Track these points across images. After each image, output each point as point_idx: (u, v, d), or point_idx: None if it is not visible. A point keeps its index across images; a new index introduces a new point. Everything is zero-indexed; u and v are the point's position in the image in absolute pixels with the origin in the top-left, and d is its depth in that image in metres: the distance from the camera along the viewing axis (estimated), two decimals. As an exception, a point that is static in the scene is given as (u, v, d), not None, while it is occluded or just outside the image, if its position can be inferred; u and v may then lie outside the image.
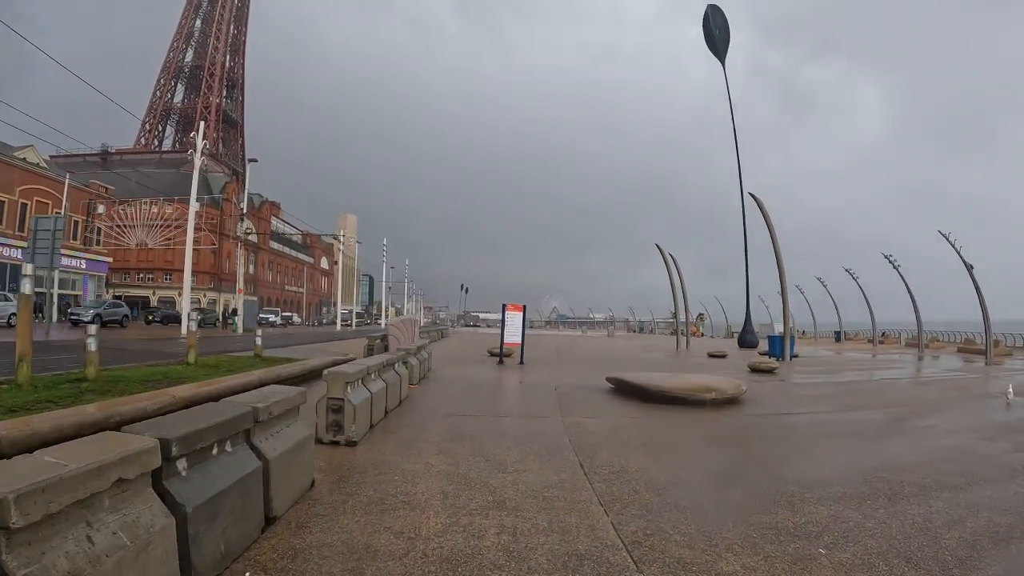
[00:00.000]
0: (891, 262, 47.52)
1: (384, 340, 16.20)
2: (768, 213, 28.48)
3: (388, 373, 8.22)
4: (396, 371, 8.74)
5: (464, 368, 15.62)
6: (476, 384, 11.98)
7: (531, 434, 7.03)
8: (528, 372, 15.24)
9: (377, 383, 7.43)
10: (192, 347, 10.87)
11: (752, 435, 7.97)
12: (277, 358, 13.10)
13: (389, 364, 8.33)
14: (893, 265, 47.60)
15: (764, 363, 19.24)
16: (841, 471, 5.87)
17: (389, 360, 8.31)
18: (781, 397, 12.40)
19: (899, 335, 60.06)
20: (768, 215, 28.41)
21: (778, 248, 28.13)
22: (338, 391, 6.09)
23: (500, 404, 9.62)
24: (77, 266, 50.64)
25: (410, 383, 10.90)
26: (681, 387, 10.51)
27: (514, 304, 17.32)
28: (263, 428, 3.97)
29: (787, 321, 28.19)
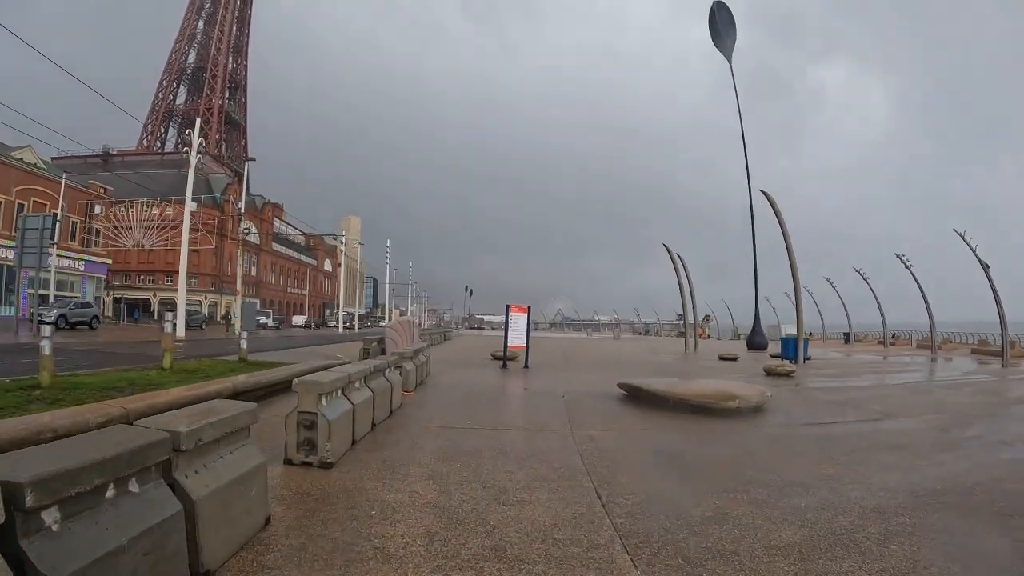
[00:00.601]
0: (903, 262, 46.60)
1: (381, 343, 15.31)
2: (779, 210, 27.60)
3: (377, 380, 7.31)
4: (387, 378, 7.83)
5: (465, 373, 14.71)
6: (477, 391, 11.06)
7: (537, 452, 6.11)
8: (533, 377, 14.32)
9: (362, 392, 6.52)
10: (168, 351, 9.98)
11: (788, 451, 7.03)
12: (264, 362, 12.22)
13: (378, 370, 7.42)
14: (905, 265, 46.71)
15: (780, 366, 18.28)
16: (901, 496, 4.96)
17: (378, 366, 7.39)
18: (805, 404, 11.46)
19: (910, 336, 59.06)
20: (779, 212, 27.53)
21: (790, 246, 27.22)
22: (310, 404, 5.18)
23: (502, 414, 8.68)
24: (75, 267, 49.96)
25: (405, 390, 10.00)
26: (702, 394, 9.58)
27: (518, 305, 16.40)
28: (191, 458, 3.07)
29: (800, 322, 27.28)
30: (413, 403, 9.04)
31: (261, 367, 11.30)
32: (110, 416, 5.32)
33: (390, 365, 8.06)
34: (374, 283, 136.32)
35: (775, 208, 27.56)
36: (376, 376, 7.33)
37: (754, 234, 44.07)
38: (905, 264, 46.52)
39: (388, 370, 7.99)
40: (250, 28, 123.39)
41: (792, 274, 27.18)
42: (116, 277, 67.98)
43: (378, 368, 7.34)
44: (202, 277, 71.86)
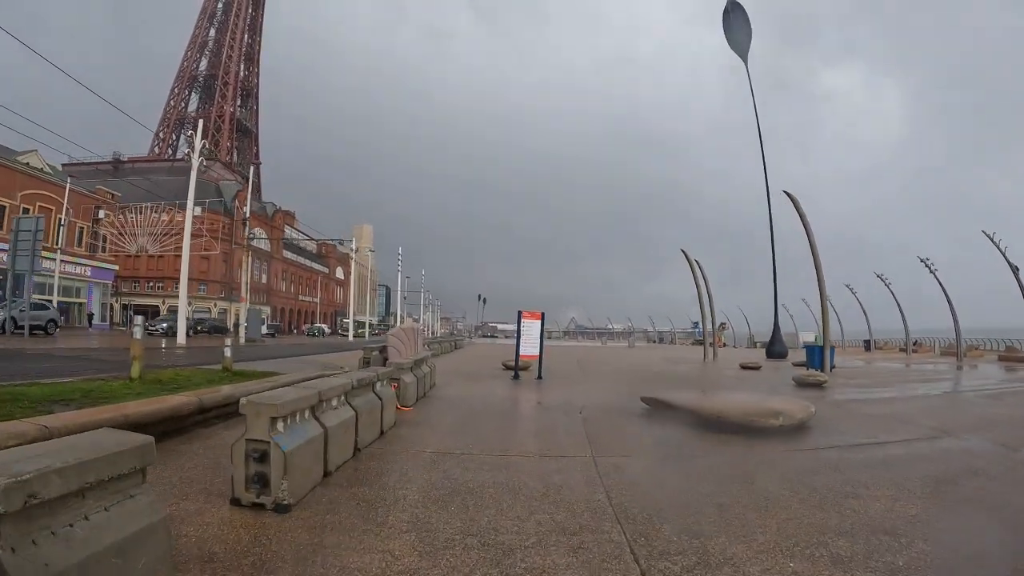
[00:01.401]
0: (928, 266, 45.33)
1: (383, 352, 14.19)
2: (803, 211, 26.35)
3: (363, 397, 6.17)
4: (377, 393, 6.68)
5: (473, 385, 13.53)
6: (484, 406, 9.87)
7: (552, 488, 4.90)
8: (547, 389, 13.12)
9: (340, 412, 5.37)
10: (137, 359, 8.90)
11: (854, 481, 5.77)
12: (250, 373, 11.11)
13: (364, 385, 6.26)
14: (930, 270, 45.49)
15: (812, 376, 16.98)
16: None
17: (363, 380, 6.23)
18: (850, 419, 10.16)
19: (933, 343, 57.26)
20: (803, 213, 26.28)
21: (815, 249, 25.91)
22: (260, 430, 4.04)
23: (511, 436, 7.46)
24: (81, 273, 49.47)
25: (403, 405, 8.85)
26: (741, 411, 8.34)
27: (531, 311, 15.21)
28: (21, 523, 1.94)
29: (827, 330, 25.95)
30: (410, 421, 7.88)
31: (246, 378, 10.21)
32: (26, 436, 4.24)
33: (381, 378, 6.90)
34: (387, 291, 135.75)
35: (799, 209, 26.35)
36: (362, 392, 6.18)
37: (773, 239, 42.72)
38: (930, 269, 45.12)
39: (379, 384, 6.84)
40: (261, 36, 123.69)
41: (817, 279, 25.85)
42: (125, 284, 67.58)
43: (363, 383, 6.18)
44: (211, 284, 71.40)
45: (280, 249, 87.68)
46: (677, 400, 9.08)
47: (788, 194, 27.08)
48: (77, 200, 47.86)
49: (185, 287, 29.50)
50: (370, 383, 6.46)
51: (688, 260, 35.77)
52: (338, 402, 5.43)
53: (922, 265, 44.09)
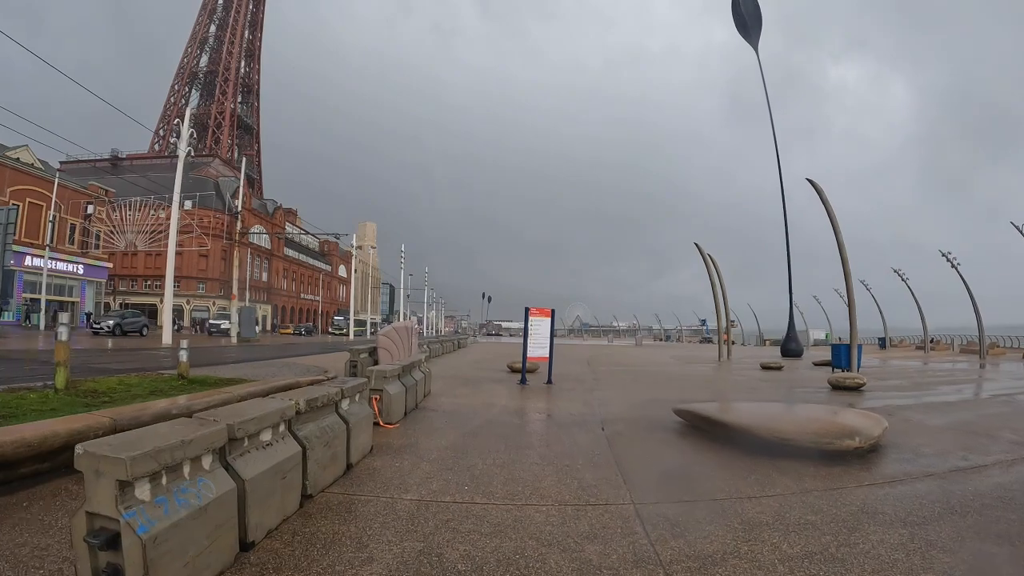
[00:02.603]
0: (950, 261, 43.75)
1: (373, 354, 12.54)
2: (828, 200, 24.62)
3: (319, 422, 4.49)
4: (342, 415, 5.00)
5: (475, 392, 11.81)
6: (486, 422, 8.15)
7: (585, 568, 3.24)
8: (558, 397, 11.42)
9: (273, 452, 3.70)
10: (62, 365, 7.25)
11: (994, 533, 4.10)
12: (210, 379, 9.43)
13: (320, 407, 4.59)
14: (952, 265, 43.95)
15: (850, 379, 15.29)
16: None
17: (317, 400, 4.53)
18: (921, 433, 8.43)
19: (951, 341, 55.43)
20: (828, 202, 24.52)
21: (842, 241, 24.14)
22: (104, 500, 2.40)
23: (521, 469, 5.71)
24: (74, 271, 48.02)
25: (385, 421, 7.20)
26: (809, 430, 6.65)
27: (540, 308, 13.49)
28: None
29: (854, 327, 24.18)
30: (391, 447, 6.19)
31: (202, 387, 8.56)
32: None
33: (349, 394, 5.23)
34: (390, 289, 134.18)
35: (823, 198, 24.62)
36: (317, 415, 4.50)
37: (787, 234, 40.97)
38: (952, 264, 43.47)
39: (345, 402, 5.18)
40: (262, 32, 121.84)
41: (844, 273, 24.03)
42: (122, 282, 66.23)
43: (317, 404, 4.49)
44: (210, 282, 69.96)
45: (281, 247, 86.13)
46: (722, 415, 7.39)
47: (812, 182, 25.33)
48: (70, 197, 46.40)
49: (171, 284, 27.98)
50: (330, 403, 4.78)
51: (702, 254, 33.93)
52: (273, 435, 3.77)
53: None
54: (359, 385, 5.49)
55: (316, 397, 4.42)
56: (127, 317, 36.84)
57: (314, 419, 4.44)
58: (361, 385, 5.56)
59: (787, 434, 6.56)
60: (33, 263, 41.98)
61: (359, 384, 5.48)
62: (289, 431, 4.02)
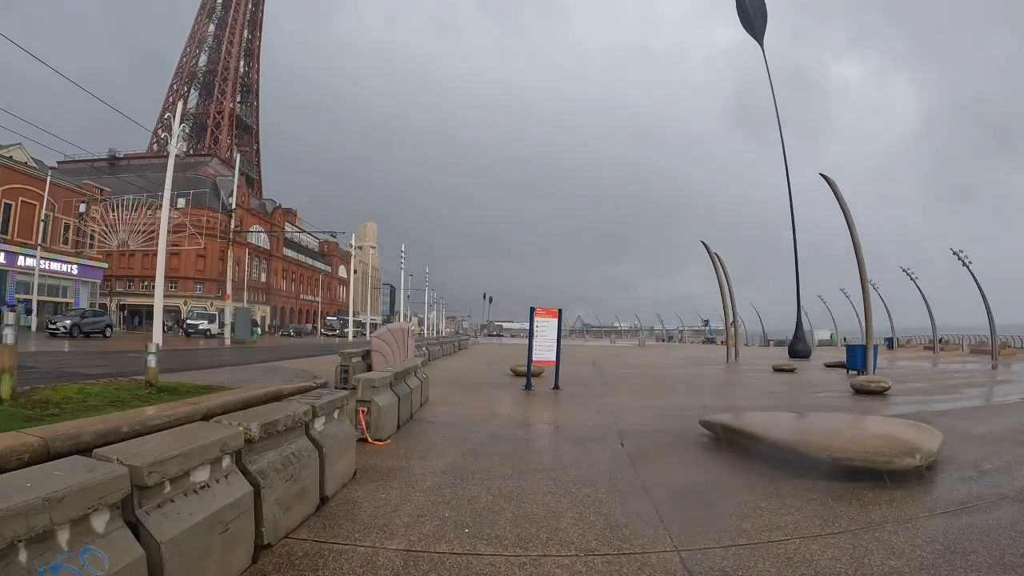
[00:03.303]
0: (961, 259, 42.94)
1: (366, 358, 11.63)
2: (842, 195, 23.72)
3: (280, 450, 3.57)
4: (314, 438, 4.09)
5: (476, 399, 10.87)
6: (489, 436, 7.20)
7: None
8: (568, 404, 10.50)
9: (210, 497, 2.79)
10: (7, 372, 6.35)
11: None
12: (183, 387, 8.52)
13: (279, 432, 3.66)
14: (964, 263, 43.10)
15: (874, 382, 14.40)
16: None
17: (273, 425, 3.59)
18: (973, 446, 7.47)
19: (960, 340, 54.47)
20: (842, 197, 23.61)
21: (856, 238, 23.21)
22: None
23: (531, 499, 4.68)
24: (68, 272, 47.08)
25: (373, 438, 6.29)
26: (865, 448, 5.71)
27: (546, 308, 12.55)
28: None
29: (870, 328, 23.27)
30: (378, 470, 5.27)
31: (172, 396, 7.65)
32: None
33: (323, 412, 4.30)
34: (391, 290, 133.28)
35: (837, 193, 23.70)
36: (277, 443, 3.58)
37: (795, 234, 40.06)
38: (964, 262, 42.58)
39: (318, 422, 4.25)
40: (262, 31, 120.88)
41: (859, 271, 23.06)
42: (119, 283, 65.44)
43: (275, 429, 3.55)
44: (208, 283, 69.13)
45: (280, 247, 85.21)
46: (764, 430, 6.46)
47: (825, 177, 24.39)
48: (64, 196, 45.54)
49: (161, 284, 27.03)
50: (297, 425, 3.86)
51: (709, 253, 33.02)
52: (213, 473, 2.85)
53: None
54: (336, 400, 4.56)
55: (275, 420, 3.49)
56: (87, 316, 33.84)
57: (275, 446, 3.52)
58: (339, 400, 4.63)
59: (843, 452, 5.62)
60: (26, 263, 41.13)
61: (336, 399, 4.55)
62: (237, 465, 3.11)
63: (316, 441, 4.08)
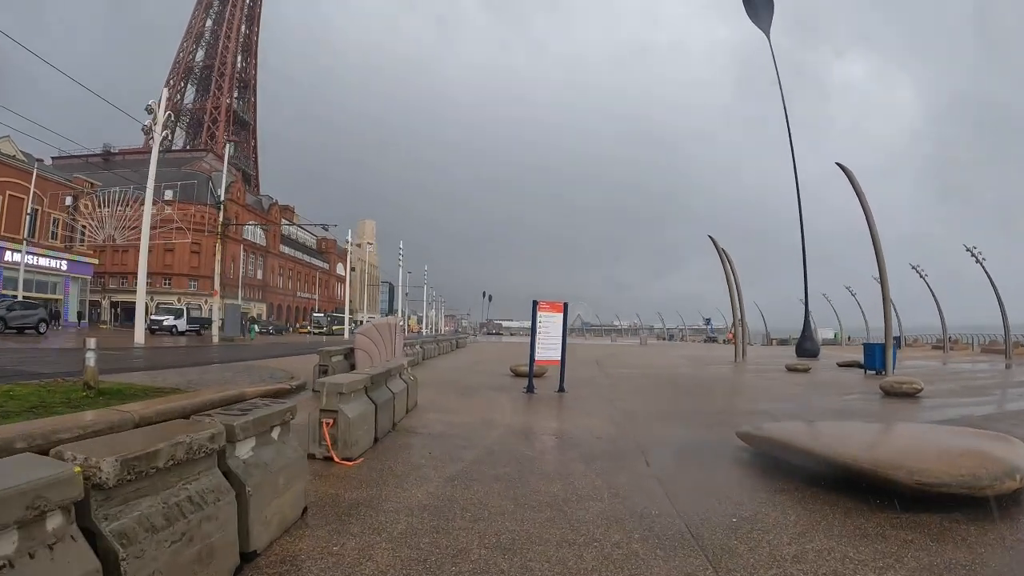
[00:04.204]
0: (975, 256, 42.05)
1: (349, 357, 10.42)
2: (859, 185, 22.56)
3: (162, 496, 2.37)
4: (232, 471, 2.88)
5: (472, 403, 9.61)
6: (485, 452, 5.91)
7: None
8: (575, 409, 9.26)
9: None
10: None
11: None
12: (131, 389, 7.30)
13: (154, 472, 2.45)
14: (978, 260, 42.21)
15: (906, 383, 13.21)
16: None
17: (134, 459, 2.37)
18: None
19: (970, 340, 53.30)
20: (859, 188, 22.48)
21: (875, 230, 22.06)
22: None
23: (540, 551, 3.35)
24: (57, 267, 45.83)
25: (341, 457, 5.07)
26: (959, 470, 4.47)
27: (550, 302, 11.31)
28: None
29: (889, 325, 22.09)
30: (337, 506, 4.02)
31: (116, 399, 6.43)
32: None
33: (247, 433, 3.07)
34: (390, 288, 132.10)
35: (854, 184, 22.57)
36: (166, 483, 2.38)
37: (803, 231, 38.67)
38: (978, 259, 41.51)
39: (246, 447, 3.03)
40: (260, 27, 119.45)
41: (878, 266, 21.91)
42: (112, 280, 64.25)
43: (146, 468, 2.33)
44: (202, 279, 67.83)
45: (277, 244, 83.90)
46: (816, 444, 5.23)
47: (842, 167, 23.22)
48: (53, 190, 44.32)
49: (143, 278, 25.88)
50: (199, 457, 2.62)
51: (717, 249, 31.78)
52: (22, 543, 1.65)
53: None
54: (273, 415, 3.31)
55: (151, 452, 2.27)
56: (15, 309, 29.26)
57: (153, 491, 2.31)
58: (278, 414, 3.39)
59: (932, 476, 4.39)
60: (13, 258, 39.94)
61: (272, 413, 3.31)
62: (79, 526, 1.90)
63: (235, 476, 2.86)
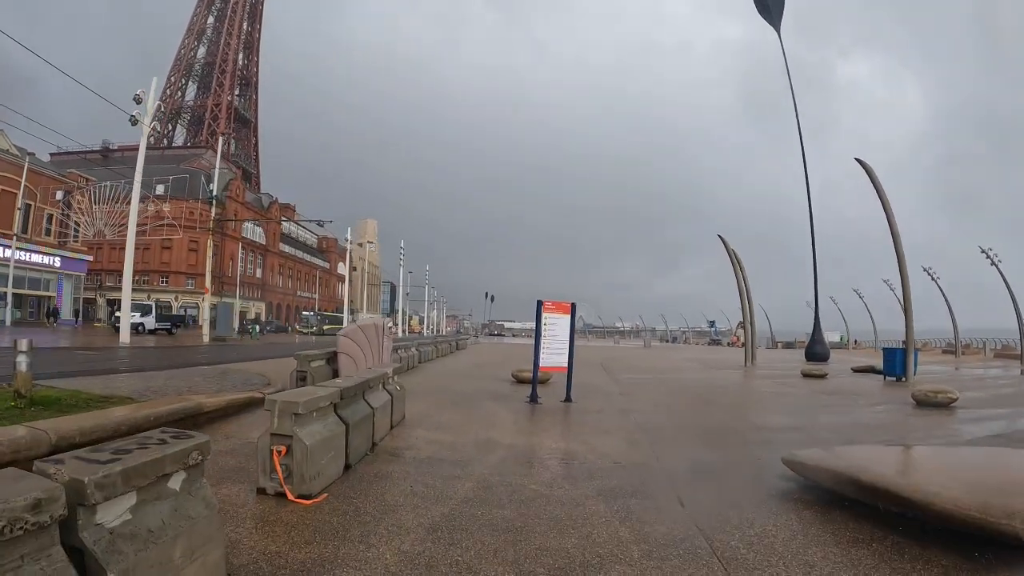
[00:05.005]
0: (990, 257, 41.21)
1: (331, 361, 9.37)
2: (878, 181, 21.60)
3: None
4: (83, 545, 1.85)
5: (468, 417, 8.51)
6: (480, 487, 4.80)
7: None
8: (586, 425, 8.17)
9: None
10: None
11: None
12: (69, 397, 6.26)
13: None
14: (993, 262, 41.39)
15: (941, 393, 12.15)
16: None
17: None
18: None
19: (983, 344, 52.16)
20: (879, 183, 21.57)
21: (895, 228, 21.12)
22: None
23: None
24: (50, 264, 44.90)
25: (298, 494, 4.02)
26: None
27: (557, 302, 10.22)
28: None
29: (910, 328, 21.10)
30: (280, 564, 3.02)
31: (53, 409, 5.40)
32: None
33: (112, 490, 2.03)
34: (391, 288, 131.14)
35: (874, 179, 21.69)
36: None
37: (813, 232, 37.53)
38: (993, 261, 40.55)
39: (108, 512, 1.99)
40: (262, 24, 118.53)
41: (899, 266, 20.95)
42: (109, 277, 63.31)
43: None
44: (199, 278, 66.76)
45: (277, 243, 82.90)
46: (893, 480, 4.18)
47: (861, 162, 22.24)
48: (45, 184, 43.37)
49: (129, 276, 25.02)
50: (8, 535, 1.58)
51: (727, 249, 30.68)
52: None
53: (994, 253, 39.35)
54: (162, 460, 2.25)
55: None
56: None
57: None
58: (176, 456, 2.32)
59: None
60: (4, 254, 39.02)
61: (161, 458, 2.24)
62: None
63: (92, 557, 1.82)
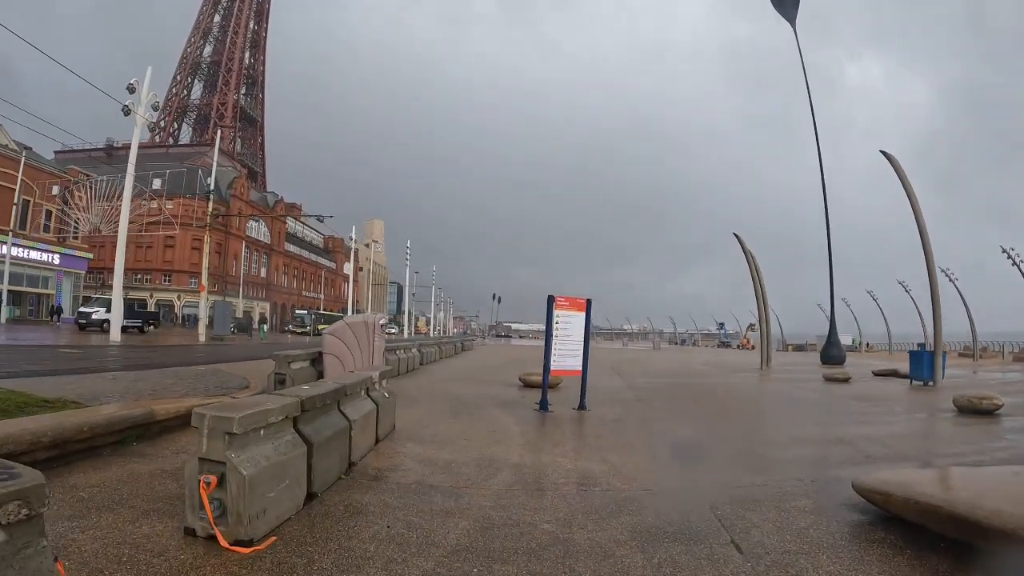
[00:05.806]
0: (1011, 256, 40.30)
1: (317, 363, 8.33)
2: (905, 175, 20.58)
3: None
4: None
5: (469, 428, 7.43)
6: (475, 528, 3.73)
7: None
8: (605, 439, 7.07)
9: None
10: None
11: None
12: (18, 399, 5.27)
13: None
14: (1015, 262, 40.42)
15: (985, 399, 11.04)
16: None
17: None
18: None
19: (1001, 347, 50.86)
20: (905, 177, 20.59)
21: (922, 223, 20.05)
22: None
23: None
24: (50, 262, 44.15)
25: (234, 541, 2.96)
26: None
27: (570, 298, 9.13)
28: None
29: (939, 330, 20.02)
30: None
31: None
32: None
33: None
34: (398, 288, 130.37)
35: (899, 172, 20.67)
36: None
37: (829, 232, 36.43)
38: (1015, 261, 39.48)
39: None
40: (268, 23, 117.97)
41: (927, 264, 19.88)
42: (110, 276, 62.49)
43: None
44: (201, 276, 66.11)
45: (282, 242, 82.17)
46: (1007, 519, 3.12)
47: (886, 154, 21.20)
48: (45, 181, 42.59)
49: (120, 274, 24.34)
50: None
51: (744, 249, 29.52)
52: None
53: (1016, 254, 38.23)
54: None
55: None
56: None
57: None
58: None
59: None
60: (1, 250, 38.27)
61: None
62: None
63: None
